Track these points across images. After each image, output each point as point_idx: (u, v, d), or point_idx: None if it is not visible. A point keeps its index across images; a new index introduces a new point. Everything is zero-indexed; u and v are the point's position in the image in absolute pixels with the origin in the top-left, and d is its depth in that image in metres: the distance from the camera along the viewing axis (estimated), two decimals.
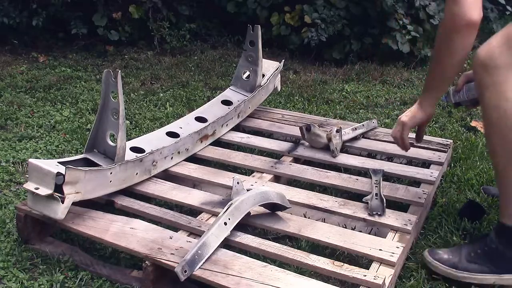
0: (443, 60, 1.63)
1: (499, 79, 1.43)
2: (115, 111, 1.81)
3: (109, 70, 1.81)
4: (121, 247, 1.63)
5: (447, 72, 1.66)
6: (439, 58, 1.65)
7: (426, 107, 1.76)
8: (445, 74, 1.67)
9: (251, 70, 2.66)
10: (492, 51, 1.44)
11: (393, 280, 1.52)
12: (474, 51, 1.64)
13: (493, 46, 1.45)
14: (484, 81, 1.47)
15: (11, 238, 1.82)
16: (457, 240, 1.81)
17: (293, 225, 1.72)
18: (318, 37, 4.14)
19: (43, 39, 4.55)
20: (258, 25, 2.58)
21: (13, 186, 2.21)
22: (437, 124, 2.95)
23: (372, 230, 1.79)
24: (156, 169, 2.04)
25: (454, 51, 1.59)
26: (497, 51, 1.43)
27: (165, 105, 3.21)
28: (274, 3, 4.43)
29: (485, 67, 1.45)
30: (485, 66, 1.45)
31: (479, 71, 1.48)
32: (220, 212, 1.65)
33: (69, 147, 2.60)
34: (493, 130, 1.49)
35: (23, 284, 1.60)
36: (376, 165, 2.17)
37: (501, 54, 1.42)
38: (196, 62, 4.18)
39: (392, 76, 3.87)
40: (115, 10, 4.36)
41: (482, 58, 1.46)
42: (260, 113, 2.77)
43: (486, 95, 1.47)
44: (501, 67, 1.42)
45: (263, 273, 1.48)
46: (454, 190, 2.16)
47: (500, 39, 1.44)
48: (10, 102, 3.15)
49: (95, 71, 3.94)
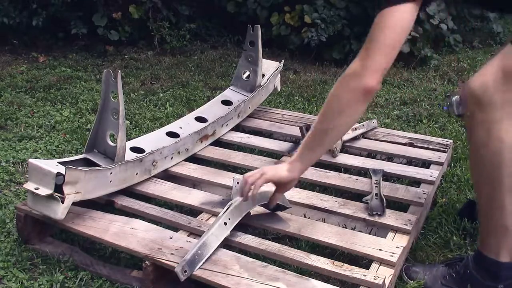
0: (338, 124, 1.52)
1: (493, 118, 1.34)
2: (115, 111, 1.80)
3: (109, 70, 1.81)
4: (121, 247, 1.63)
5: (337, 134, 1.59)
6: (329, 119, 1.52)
7: (295, 171, 1.58)
8: (333, 136, 1.58)
9: (251, 70, 2.66)
10: (487, 85, 1.34)
11: (393, 280, 1.52)
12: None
13: (488, 80, 1.34)
14: (476, 117, 1.38)
15: (11, 238, 1.82)
16: (457, 240, 1.81)
17: (293, 225, 1.72)
18: (318, 37, 4.14)
19: (43, 39, 4.55)
20: (258, 25, 2.58)
21: (13, 186, 2.21)
22: (437, 124, 2.95)
23: (372, 230, 1.79)
24: (156, 169, 2.04)
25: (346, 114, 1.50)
26: (492, 86, 1.33)
27: (165, 105, 3.21)
28: (274, 3, 4.43)
29: (479, 103, 1.36)
30: (479, 101, 1.36)
31: (471, 105, 1.39)
32: (220, 212, 1.65)
33: (69, 147, 2.60)
34: (479, 166, 1.44)
35: (23, 284, 1.60)
36: (376, 165, 2.17)
37: (497, 90, 1.33)
38: (196, 62, 4.18)
39: (392, 76, 3.87)
40: (115, 10, 4.36)
41: (475, 92, 1.36)
42: (260, 113, 2.77)
43: (477, 131, 1.40)
44: (496, 104, 1.33)
45: (263, 273, 1.48)
46: (454, 190, 2.16)
47: (496, 73, 1.34)
48: (10, 102, 3.15)
49: (95, 71, 3.94)
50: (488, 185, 1.43)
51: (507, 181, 1.38)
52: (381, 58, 1.45)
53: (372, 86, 1.44)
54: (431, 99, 3.43)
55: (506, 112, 1.34)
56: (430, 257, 1.75)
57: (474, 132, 1.41)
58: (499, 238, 1.46)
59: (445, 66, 4.19)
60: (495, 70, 1.35)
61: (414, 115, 3.10)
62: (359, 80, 1.45)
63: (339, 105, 1.50)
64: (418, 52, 4.15)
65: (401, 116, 3.10)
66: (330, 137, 1.57)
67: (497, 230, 1.45)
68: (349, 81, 1.48)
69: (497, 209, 1.43)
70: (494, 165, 1.38)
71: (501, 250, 1.46)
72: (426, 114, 3.10)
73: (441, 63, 4.25)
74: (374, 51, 1.45)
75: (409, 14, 1.43)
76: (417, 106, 3.25)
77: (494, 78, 1.34)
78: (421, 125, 2.95)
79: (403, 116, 3.09)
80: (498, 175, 1.39)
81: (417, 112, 3.13)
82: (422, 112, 3.12)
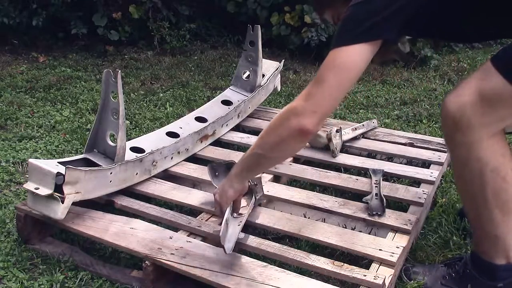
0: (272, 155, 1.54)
1: (471, 139, 1.34)
2: (115, 111, 1.80)
3: (109, 70, 1.81)
4: (121, 247, 1.63)
5: (270, 164, 1.70)
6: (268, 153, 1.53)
7: (237, 185, 1.66)
8: (267, 165, 1.70)
9: (251, 70, 2.66)
10: (465, 108, 1.32)
11: (393, 280, 1.52)
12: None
13: (466, 102, 1.32)
14: (455, 139, 1.38)
15: (11, 238, 1.82)
16: (457, 240, 1.81)
17: (293, 225, 1.72)
18: (318, 37, 4.15)
19: (43, 39, 4.55)
20: (258, 25, 2.58)
21: (13, 186, 2.21)
22: (437, 124, 2.95)
23: (372, 230, 1.79)
24: (156, 169, 2.04)
25: (286, 153, 1.57)
26: (469, 109, 1.32)
27: (165, 105, 3.21)
28: (274, 3, 4.43)
29: (457, 125, 1.35)
30: (457, 123, 1.34)
31: (449, 127, 1.38)
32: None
33: (69, 147, 2.60)
34: (464, 184, 1.45)
35: (23, 284, 1.60)
36: (376, 165, 2.16)
37: (475, 113, 1.31)
38: (196, 62, 4.18)
39: (392, 76, 3.87)
40: (115, 10, 4.37)
41: (453, 115, 1.34)
42: (260, 113, 2.77)
43: (456, 152, 1.40)
44: (474, 127, 1.33)
45: (263, 273, 1.48)
46: (454, 190, 2.16)
47: (473, 96, 1.31)
48: (10, 102, 3.15)
49: (95, 71, 3.94)
50: (474, 202, 1.44)
51: (491, 198, 1.39)
52: (325, 101, 1.39)
53: (308, 129, 1.40)
54: (431, 99, 3.43)
55: (485, 132, 1.34)
56: (430, 257, 1.75)
57: (455, 152, 1.42)
58: (492, 244, 1.47)
59: (445, 66, 4.20)
60: (472, 92, 1.32)
61: (414, 115, 3.10)
62: (297, 120, 1.40)
63: (275, 138, 1.48)
64: (418, 52, 4.15)
65: (401, 116, 3.11)
66: (264, 165, 1.66)
67: (489, 238, 1.46)
68: (289, 117, 1.43)
69: (485, 222, 1.44)
70: (478, 185, 1.39)
71: (495, 254, 1.47)
72: (426, 114, 3.10)
73: (441, 63, 4.25)
74: (318, 93, 1.38)
75: (363, 55, 1.36)
76: (417, 106, 3.25)
77: (471, 100, 1.32)
78: (421, 125, 2.95)
79: (403, 116, 3.09)
80: (483, 194, 1.40)
81: (417, 112, 3.13)
82: (422, 112, 3.12)
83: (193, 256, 1.54)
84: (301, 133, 1.41)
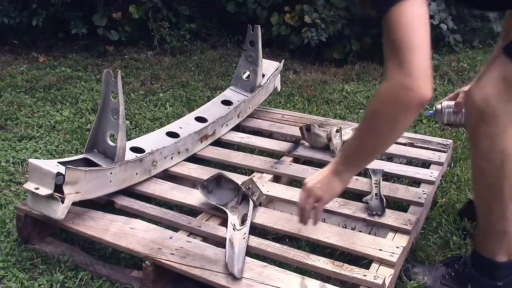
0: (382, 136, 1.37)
1: (497, 130, 1.34)
2: (115, 111, 1.81)
3: (109, 70, 1.81)
4: (121, 247, 1.63)
5: (382, 148, 1.44)
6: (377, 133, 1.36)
7: (347, 179, 1.46)
8: (378, 150, 1.45)
9: (251, 70, 2.66)
10: (489, 98, 1.33)
11: (393, 280, 1.52)
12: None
13: (490, 93, 1.33)
14: (480, 130, 1.37)
15: (11, 238, 1.82)
16: (457, 240, 1.81)
17: (293, 225, 1.72)
18: (318, 37, 4.15)
19: (43, 39, 4.55)
20: (258, 25, 2.58)
21: (13, 186, 2.21)
22: (437, 124, 2.95)
23: (372, 230, 1.79)
24: (156, 169, 2.04)
25: (398, 130, 1.37)
26: (494, 98, 1.32)
27: (165, 105, 3.21)
28: (274, 3, 4.43)
29: (482, 116, 1.35)
30: (482, 114, 1.35)
31: (474, 119, 1.38)
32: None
33: (69, 147, 2.60)
34: (481, 177, 1.45)
35: (23, 284, 1.60)
36: (376, 165, 2.16)
37: (499, 102, 1.32)
38: (196, 62, 4.18)
39: None
40: (115, 10, 4.36)
41: (478, 105, 1.35)
42: (260, 113, 2.77)
43: (480, 144, 1.39)
44: (500, 116, 1.33)
45: (263, 273, 1.48)
46: (454, 190, 2.16)
47: (496, 85, 1.32)
48: (10, 102, 3.15)
49: (95, 71, 3.94)
50: (489, 195, 1.44)
51: (508, 191, 1.39)
52: (424, 61, 1.25)
53: (428, 95, 1.27)
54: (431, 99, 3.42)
55: (510, 121, 1.34)
56: (430, 257, 1.75)
57: (478, 144, 1.41)
58: (497, 240, 1.47)
59: (445, 66, 4.19)
60: (495, 80, 1.33)
61: None
62: (410, 93, 1.25)
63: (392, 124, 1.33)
64: None
65: None
66: (382, 150, 1.49)
67: (497, 234, 1.46)
68: (398, 96, 1.27)
69: (497, 217, 1.44)
70: (497, 177, 1.39)
71: (498, 251, 1.47)
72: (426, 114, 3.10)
73: (441, 63, 4.25)
74: (412, 54, 1.24)
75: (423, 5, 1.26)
76: None
77: (495, 88, 1.33)
78: (421, 125, 2.95)
79: None
80: (500, 188, 1.39)
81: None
82: (422, 112, 3.12)
83: (193, 256, 1.54)
84: (420, 104, 1.28)
